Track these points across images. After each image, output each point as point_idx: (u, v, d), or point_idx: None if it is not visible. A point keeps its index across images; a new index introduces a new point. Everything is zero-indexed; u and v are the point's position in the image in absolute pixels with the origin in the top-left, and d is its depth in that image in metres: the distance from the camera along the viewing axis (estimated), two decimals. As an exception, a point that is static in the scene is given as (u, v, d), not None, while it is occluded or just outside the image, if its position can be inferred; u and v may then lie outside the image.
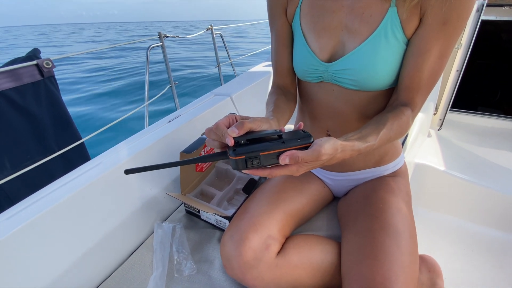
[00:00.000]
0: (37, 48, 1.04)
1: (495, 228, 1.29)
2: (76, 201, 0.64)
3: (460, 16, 0.46)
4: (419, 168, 1.37)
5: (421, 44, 0.48)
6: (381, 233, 0.53)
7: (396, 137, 0.50)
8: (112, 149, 0.80)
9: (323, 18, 0.55)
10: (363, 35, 0.51)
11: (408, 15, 0.48)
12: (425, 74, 0.50)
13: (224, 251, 0.56)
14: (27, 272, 0.55)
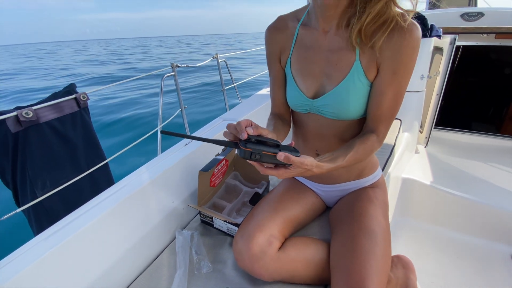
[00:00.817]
0: (73, 83, 1.23)
1: (478, 236, 1.41)
2: (114, 214, 0.78)
3: (406, 68, 0.62)
4: (407, 182, 1.52)
5: (378, 87, 0.65)
6: (360, 234, 0.68)
7: (363, 158, 0.66)
8: (141, 169, 0.96)
9: (307, 66, 0.72)
10: (337, 80, 0.68)
11: (368, 66, 0.65)
12: (384, 110, 0.66)
13: (236, 247, 0.71)
14: (77, 271, 0.69)
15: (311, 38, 0.71)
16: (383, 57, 0.62)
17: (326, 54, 0.69)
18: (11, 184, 1.06)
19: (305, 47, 0.72)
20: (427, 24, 1.54)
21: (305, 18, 0.73)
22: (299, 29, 0.73)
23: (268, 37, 0.78)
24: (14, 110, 0.95)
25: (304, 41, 0.72)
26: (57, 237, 0.68)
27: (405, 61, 0.61)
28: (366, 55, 0.64)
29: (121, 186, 0.88)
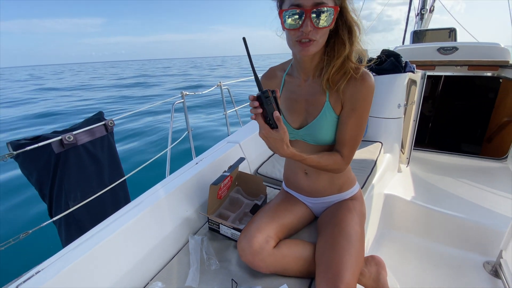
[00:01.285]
0: (102, 111, 1.45)
1: (453, 246, 1.58)
2: (138, 222, 0.96)
3: (362, 105, 0.83)
4: (389, 197, 1.71)
5: (342, 119, 0.86)
6: (338, 236, 0.87)
7: (324, 164, 0.86)
8: (161, 182, 1.16)
9: (293, 105, 0.94)
10: (314, 115, 0.89)
11: (335, 104, 0.86)
12: (347, 137, 0.86)
13: (240, 245, 0.89)
14: (108, 269, 0.86)
15: (294, 85, 0.94)
16: (345, 98, 0.84)
17: (306, 96, 0.91)
18: (47, 197, 1.24)
19: (290, 91, 0.95)
20: (401, 61, 1.81)
21: (290, 70, 0.97)
22: (285, 78, 0.97)
23: (262, 82, 1.02)
24: (59, 134, 1.16)
25: (289, 86, 0.95)
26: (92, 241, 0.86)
27: (360, 101, 0.82)
28: (333, 96, 0.86)
29: (145, 198, 1.07)
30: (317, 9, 0.71)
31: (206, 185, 1.19)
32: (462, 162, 2.24)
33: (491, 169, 2.12)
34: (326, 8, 0.71)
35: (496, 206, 1.63)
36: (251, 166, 1.56)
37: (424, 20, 5.05)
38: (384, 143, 1.82)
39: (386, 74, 1.81)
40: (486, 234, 1.50)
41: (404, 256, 1.55)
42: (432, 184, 1.91)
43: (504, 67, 2.43)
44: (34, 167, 1.16)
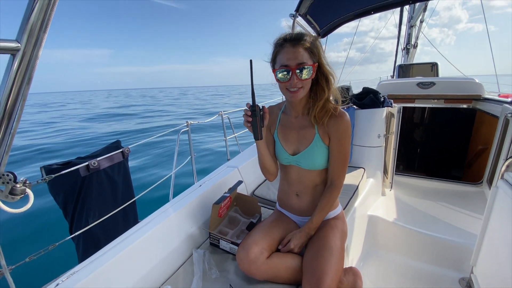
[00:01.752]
0: (119, 140, 1.68)
1: (431, 264, 1.73)
2: (149, 237, 1.14)
3: (344, 137, 1.06)
4: (372, 218, 1.89)
5: (332, 149, 1.08)
6: (322, 248, 1.05)
7: (328, 204, 1.10)
8: (170, 202, 1.35)
9: (287, 136, 1.17)
10: (306, 144, 1.11)
11: (323, 136, 1.08)
12: (338, 163, 1.08)
13: (238, 255, 1.06)
14: (126, 274, 1.02)
15: (287, 120, 1.18)
16: (330, 131, 1.08)
17: (297, 129, 1.15)
18: (70, 215, 1.42)
19: (285, 125, 1.18)
20: (380, 98, 2.08)
21: (284, 108, 1.21)
22: (281, 115, 1.20)
23: None
24: (85, 160, 1.36)
25: (283, 121, 1.19)
26: (113, 251, 1.03)
27: (342, 133, 1.06)
28: (321, 130, 1.09)
29: (157, 215, 1.26)
30: (299, 67, 0.96)
31: (209, 205, 1.38)
32: (442, 187, 2.44)
33: (468, 193, 2.31)
34: (306, 66, 0.97)
35: (470, 226, 1.81)
36: (248, 188, 1.75)
37: (409, 54, 5.51)
38: (366, 169, 2.03)
39: (367, 109, 2.07)
40: (461, 252, 1.66)
41: (386, 273, 1.70)
42: (413, 206, 2.10)
43: (477, 100, 2.72)
44: (62, 188, 1.35)
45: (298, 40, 0.97)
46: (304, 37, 0.99)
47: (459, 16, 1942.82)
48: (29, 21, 0.78)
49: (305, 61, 0.96)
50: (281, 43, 1.00)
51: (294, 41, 0.97)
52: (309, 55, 0.98)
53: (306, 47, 0.97)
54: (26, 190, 0.90)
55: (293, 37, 0.98)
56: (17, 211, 0.87)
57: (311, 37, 1.01)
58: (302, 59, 0.96)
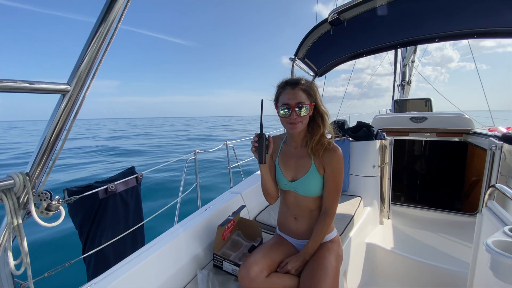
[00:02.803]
0: (134, 166, 1.84)
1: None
2: (158, 257, 1.24)
3: (337, 169, 1.19)
4: (370, 246, 1.95)
5: (326, 179, 1.21)
6: (317, 269, 1.14)
7: (323, 232, 1.21)
8: (177, 225, 1.46)
9: (286, 164, 1.31)
10: (303, 173, 1.25)
11: (319, 167, 1.22)
12: (330, 193, 1.20)
13: (240, 273, 1.15)
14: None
15: (288, 150, 1.32)
16: (325, 163, 1.21)
17: (296, 159, 1.29)
18: (85, 235, 1.53)
19: (285, 155, 1.33)
20: (373, 131, 2.26)
21: (285, 139, 1.37)
22: (282, 145, 1.36)
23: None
24: (103, 184, 1.52)
25: (284, 151, 1.34)
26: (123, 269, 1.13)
27: (335, 165, 1.20)
28: (317, 161, 1.23)
29: (165, 236, 1.37)
30: (298, 106, 1.15)
31: (213, 228, 1.49)
32: (439, 217, 2.50)
33: (464, 223, 2.37)
34: (304, 104, 1.15)
35: (466, 255, 1.85)
36: (250, 214, 1.86)
37: (404, 90, 5.85)
38: (363, 197, 2.13)
39: (361, 141, 2.24)
40: (458, 280, 1.70)
41: None
42: (410, 235, 2.15)
43: (467, 133, 2.88)
44: (81, 209, 1.48)
45: (296, 84, 1.16)
46: (302, 81, 1.18)
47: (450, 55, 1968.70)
48: (79, 68, 0.99)
49: (303, 101, 1.14)
50: (283, 85, 1.19)
51: (293, 85, 1.16)
52: (306, 96, 1.15)
53: (303, 89, 1.15)
54: (59, 207, 1.05)
55: (293, 81, 1.18)
56: (51, 225, 1.00)
57: (308, 82, 1.20)
58: (301, 99, 1.14)
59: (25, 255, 1.00)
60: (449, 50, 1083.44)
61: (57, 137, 1.02)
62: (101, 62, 1.01)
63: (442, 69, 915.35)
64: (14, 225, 0.99)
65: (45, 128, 1.02)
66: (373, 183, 2.22)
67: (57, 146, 1.03)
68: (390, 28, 2.29)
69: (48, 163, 1.04)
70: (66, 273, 1.66)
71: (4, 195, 0.95)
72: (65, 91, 0.99)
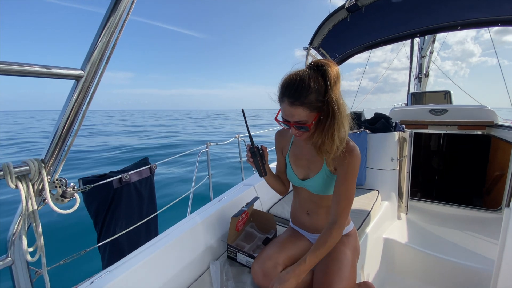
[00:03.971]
0: (147, 157, 1.83)
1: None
2: (171, 246, 1.21)
3: (352, 170, 1.06)
4: (387, 241, 1.88)
5: (337, 181, 1.10)
6: (331, 262, 1.09)
7: (325, 247, 0.99)
8: (192, 215, 1.44)
9: (298, 160, 1.24)
10: (315, 172, 1.17)
11: (330, 167, 1.12)
12: (341, 195, 1.05)
13: (254, 269, 1.12)
14: (147, 282, 1.09)
15: (299, 145, 1.22)
16: (338, 164, 1.08)
17: (307, 156, 1.19)
18: (99, 224, 1.54)
19: (297, 150, 1.24)
20: (391, 123, 2.17)
21: None
22: (294, 138, 1.28)
23: (277, 137, 1.34)
24: (117, 174, 1.51)
25: (296, 145, 1.25)
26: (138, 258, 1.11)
27: (349, 167, 1.03)
28: (328, 161, 1.10)
29: (180, 226, 1.35)
30: (296, 125, 0.97)
31: (226, 219, 1.46)
32: (460, 213, 2.39)
33: (487, 219, 2.25)
34: (303, 125, 0.95)
35: (489, 252, 1.76)
36: (264, 206, 1.82)
37: (422, 83, 5.63)
38: (381, 191, 2.06)
39: (379, 133, 2.15)
40: (480, 277, 1.61)
41: None
42: (429, 231, 2.07)
43: (490, 126, 2.73)
44: (96, 198, 1.48)
45: (297, 99, 0.92)
46: (304, 93, 0.91)
47: (472, 50, 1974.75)
48: (93, 54, 0.97)
49: (303, 119, 0.94)
50: (281, 95, 0.97)
51: (292, 100, 0.92)
52: (309, 110, 0.93)
53: (306, 105, 0.92)
54: (74, 194, 1.04)
55: (292, 92, 0.93)
56: (66, 212, 1.00)
57: (315, 83, 0.92)
58: (299, 117, 0.94)
59: (40, 242, 1.01)
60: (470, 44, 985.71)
61: (72, 123, 1.01)
62: (114, 47, 0.99)
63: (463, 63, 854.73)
64: (29, 212, 0.98)
65: (60, 115, 1.01)
66: (391, 176, 2.13)
67: (71, 132, 1.02)
68: (410, 15, 2.18)
69: (63, 150, 1.03)
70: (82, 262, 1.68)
71: (19, 182, 0.94)
72: (79, 77, 0.97)
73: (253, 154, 1.08)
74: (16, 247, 1.00)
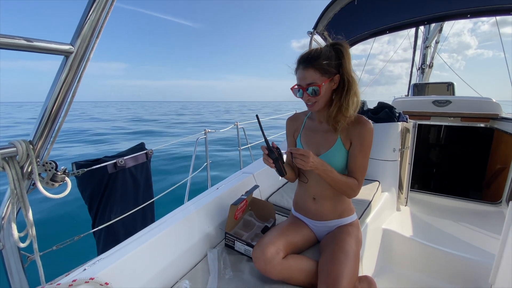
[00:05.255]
0: (143, 142, 1.78)
1: (448, 282, 1.68)
2: (167, 234, 1.18)
3: (366, 142, 1.08)
4: (386, 232, 1.86)
5: (353, 153, 1.10)
6: (337, 252, 1.06)
7: (347, 185, 1.09)
8: (188, 202, 1.40)
9: (310, 140, 1.20)
10: (327, 148, 1.15)
11: (345, 141, 1.12)
12: (357, 166, 1.10)
13: (255, 254, 1.09)
14: (144, 267, 1.06)
15: (313, 125, 1.23)
16: (353, 136, 1.10)
17: (321, 133, 1.19)
18: (94, 210, 1.50)
19: (309, 129, 1.23)
20: (395, 113, 2.11)
21: (310, 114, 1.27)
22: (306, 120, 1.26)
23: (288, 123, 1.33)
24: (112, 158, 1.46)
25: (308, 126, 1.24)
26: (135, 244, 1.08)
27: (363, 138, 1.09)
28: (343, 134, 1.12)
29: (177, 212, 1.31)
30: (308, 87, 1.04)
31: (225, 207, 1.43)
32: (460, 205, 2.38)
33: (486, 212, 2.24)
34: (314, 86, 1.03)
35: (488, 245, 1.75)
36: (262, 195, 1.79)
37: (424, 74, 5.53)
38: (381, 182, 2.03)
39: (382, 123, 2.10)
40: (479, 270, 1.61)
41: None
42: (428, 223, 2.05)
43: (494, 119, 2.69)
44: (90, 183, 1.43)
45: (308, 62, 1.03)
46: (315, 57, 1.03)
47: (468, 42, 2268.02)
48: (84, 27, 0.89)
49: (314, 81, 1.03)
50: (297, 63, 1.09)
51: (305, 63, 1.04)
52: (320, 74, 1.03)
53: (317, 67, 1.02)
54: (65, 178, 0.99)
55: (305, 58, 1.05)
56: (56, 196, 0.95)
57: (326, 52, 1.05)
58: (312, 79, 1.03)
59: (31, 227, 0.96)
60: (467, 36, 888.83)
61: (62, 102, 0.94)
62: (106, 20, 0.91)
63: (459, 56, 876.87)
64: (19, 196, 0.94)
65: (48, 93, 0.94)
66: (392, 167, 2.10)
67: (62, 112, 0.96)
68: (418, 1, 2.09)
69: (52, 131, 0.97)
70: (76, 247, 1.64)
71: (6, 164, 0.88)
72: (69, 52, 0.90)
73: (272, 155, 1.05)
74: (6, 232, 0.96)
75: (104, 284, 0.89)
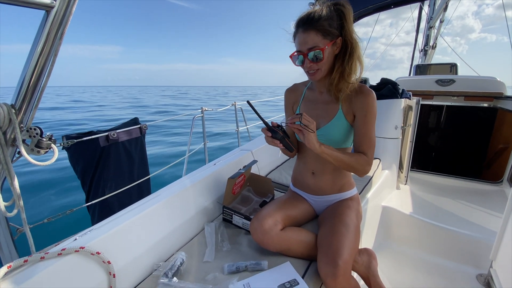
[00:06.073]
0: (137, 117, 1.71)
1: (447, 259, 1.68)
2: (163, 206, 1.14)
3: (371, 112, 1.02)
4: (386, 209, 1.84)
5: (359, 125, 1.04)
6: (338, 224, 1.03)
7: (353, 163, 1.01)
8: (185, 176, 1.36)
9: (310, 110, 1.14)
10: (328, 120, 1.09)
11: (347, 113, 1.06)
12: (366, 138, 1.03)
13: (252, 226, 1.06)
14: (141, 238, 1.02)
15: (313, 96, 1.17)
16: (356, 107, 1.04)
17: (321, 105, 1.13)
18: (87, 185, 1.45)
19: (309, 101, 1.17)
20: (398, 89, 2.04)
21: (310, 85, 1.20)
22: (306, 91, 1.20)
23: (286, 95, 1.27)
24: (106, 131, 1.40)
25: (308, 97, 1.18)
26: (130, 214, 1.04)
27: (367, 109, 1.02)
28: (345, 105, 1.06)
29: (174, 185, 1.27)
30: (310, 52, 0.96)
31: (222, 182, 1.38)
32: (460, 184, 2.36)
33: (487, 191, 2.23)
34: (316, 49, 0.95)
35: (489, 223, 1.74)
36: (261, 172, 1.75)
37: (427, 55, 5.39)
38: (382, 160, 1.99)
39: (385, 99, 2.04)
40: (479, 247, 1.60)
41: (400, 266, 1.65)
42: (428, 201, 2.04)
43: (498, 98, 2.63)
44: (82, 157, 1.38)
45: (309, 24, 0.94)
46: (316, 18, 0.94)
47: (472, 25, 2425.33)
48: None
49: (316, 45, 0.95)
50: (295, 27, 1.00)
51: (305, 26, 0.95)
52: (322, 36, 0.95)
53: (319, 28, 0.94)
54: (51, 145, 0.93)
55: (304, 20, 0.96)
56: (42, 164, 0.89)
57: (328, 12, 0.95)
58: (313, 43, 0.94)
59: (17, 196, 0.91)
60: (471, 20, 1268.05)
61: (45, 62, 0.87)
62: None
63: (462, 40, 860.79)
64: (3, 163, 0.88)
65: (29, 53, 0.87)
66: (393, 145, 2.06)
67: (45, 73, 0.89)
68: None
69: (36, 94, 0.90)
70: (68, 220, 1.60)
71: (-14, 128, 0.83)
72: (50, 7, 0.82)
73: (276, 135, 0.96)
74: (-10, 201, 0.92)
75: (95, 254, 0.85)
